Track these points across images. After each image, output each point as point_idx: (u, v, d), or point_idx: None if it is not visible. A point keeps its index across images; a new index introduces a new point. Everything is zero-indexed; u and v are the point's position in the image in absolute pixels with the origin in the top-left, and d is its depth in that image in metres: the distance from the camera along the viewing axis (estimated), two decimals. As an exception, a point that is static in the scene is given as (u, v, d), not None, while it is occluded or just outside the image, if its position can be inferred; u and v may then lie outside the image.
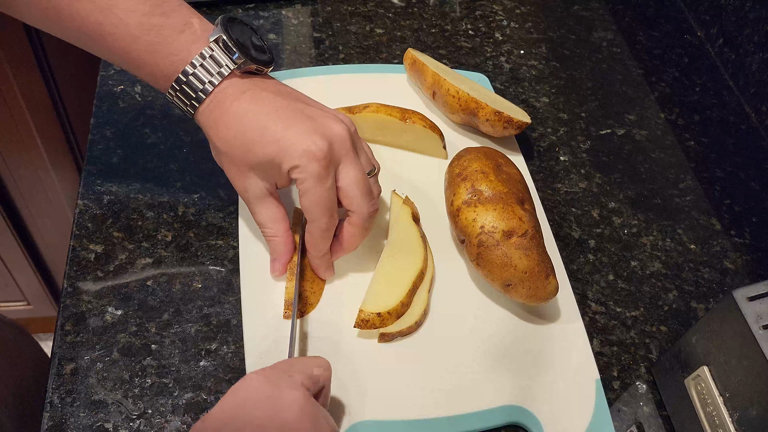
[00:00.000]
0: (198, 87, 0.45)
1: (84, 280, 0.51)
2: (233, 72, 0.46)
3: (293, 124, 0.45)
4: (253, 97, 0.46)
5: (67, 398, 0.45)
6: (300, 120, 0.45)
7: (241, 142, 0.45)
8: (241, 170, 0.47)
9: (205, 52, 0.45)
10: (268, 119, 0.45)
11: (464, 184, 0.52)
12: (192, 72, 0.45)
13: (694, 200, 0.65)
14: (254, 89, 0.46)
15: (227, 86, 0.46)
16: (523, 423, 0.48)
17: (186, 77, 0.45)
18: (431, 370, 0.48)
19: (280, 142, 0.44)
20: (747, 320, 0.41)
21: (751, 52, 0.73)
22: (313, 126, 0.45)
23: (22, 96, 0.99)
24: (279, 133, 0.44)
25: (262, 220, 0.49)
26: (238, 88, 0.46)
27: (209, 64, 0.45)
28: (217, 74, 0.45)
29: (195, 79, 0.45)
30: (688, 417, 0.47)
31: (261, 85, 0.47)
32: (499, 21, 0.80)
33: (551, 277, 0.49)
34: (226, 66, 0.45)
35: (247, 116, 0.45)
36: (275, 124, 0.45)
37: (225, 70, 0.45)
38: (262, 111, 0.45)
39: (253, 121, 0.45)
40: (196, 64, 0.45)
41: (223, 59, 0.45)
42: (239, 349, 0.49)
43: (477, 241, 0.49)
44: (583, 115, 0.71)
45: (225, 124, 0.46)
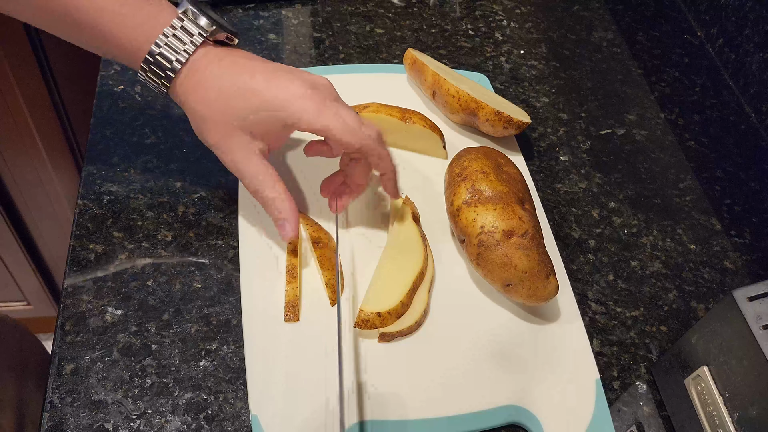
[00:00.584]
0: (171, 58, 0.45)
1: (84, 280, 0.51)
2: (206, 39, 0.46)
3: (276, 77, 0.46)
4: (233, 62, 0.46)
5: (67, 398, 0.45)
6: (281, 74, 0.46)
7: (222, 100, 0.45)
8: (225, 132, 0.46)
9: (175, 23, 0.45)
10: (250, 77, 0.45)
11: (464, 184, 0.52)
12: (164, 43, 0.45)
13: (694, 200, 0.65)
14: (230, 56, 0.47)
15: (201, 55, 0.46)
16: (523, 423, 0.48)
17: (158, 48, 0.45)
18: (431, 370, 0.48)
19: (265, 93, 0.45)
20: (747, 320, 0.41)
21: (751, 52, 0.73)
22: (295, 76, 0.46)
23: (22, 96, 0.99)
24: (263, 86, 0.45)
25: (256, 184, 0.47)
26: (214, 55, 0.46)
27: (181, 34, 0.45)
28: (190, 43, 0.45)
29: (168, 50, 0.45)
30: (688, 417, 0.47)
31: (236, 53, 0.47)
32: (499, 21, 0.80)
33: (551, 277, 0.49)
34: (198, 34, 0.46)
35: (227, 76, 0.45)
36: (257, 79, 0.45)
37: (197, 38, 0.45)
38: (243, 72, 0.46)
39: (233, 79, 0.45)
40: (168, 34, 0.45)
41: (193, 29, 0.45)
42: (239, 349, 0.49)
43: (477, 241, 0.49)
44: (583, 115, 0.71)
45: (204, 88, 0.46)
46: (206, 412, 0.46)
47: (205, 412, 0.46)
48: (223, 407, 0.46)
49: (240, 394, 0.47)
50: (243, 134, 0.46)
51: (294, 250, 0.52)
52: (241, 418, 0.46)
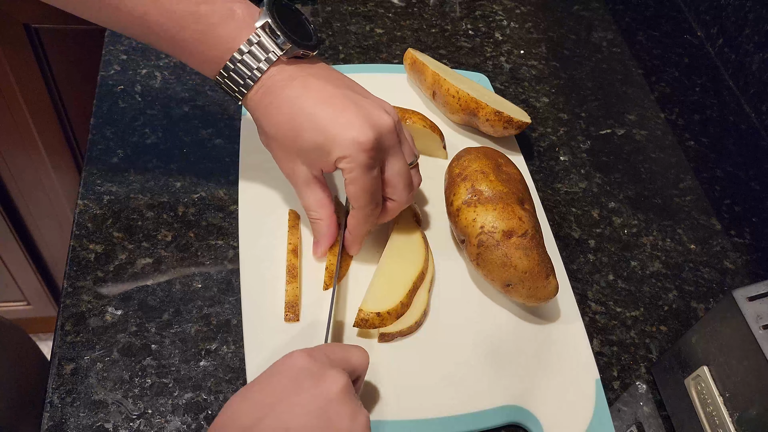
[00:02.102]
0: (246, 74, 0.46)
1: (84, 280, 0.51)
2: (280, 58, 0.46)
3: (342, 113, 0.45)
4: (304, 84, 0.46)
5: (67, 398, 0.45)
6: (349, 109, 0.46)
7: (290, 127, 0.46)
8: (289, 155, 0.48)
9: (252, 39, 0.45)
10: (318, 106, 0.45)
11: (464, 184, 0.52)
12: (240, 59, 0.46)
13: (694, 200, 0.65)
14: (304, 75, 0.47)
15: (276, 72, 0.46)
16: (523, 423, 0.48)
17: (234, 64, 0.46)
18: (431, 370, 0.48)
19: (329, 131, 0.45)
20: (747, 320, 0.41)
21: (751, 52, 0.73)
22: (362, 115, 0.45)
23: (22, 96, 0.99)
24: (328, 121, 0.45)
25: (308, 204, 0.50)
26: (288, 74, 0.46)
27: (257, 51, 0.46)
28: (264, 60, 0.46)
29: (243, 66, 0.46)
30: (688, 417, 0.47)
31: (310, 71, 0.47)
32: (499, 21, 0.80)
33: (551, 277, 0.49)
34: (273, 52, 0.46)
35: (297, 102, 0.46)
36: (325, 112, 0.45)
37: (272, 56, 0.46)
38: (312, 97, 0.46)
39: (303, 107, 0.46)
40: (244, 50, 0.45)
41: (270, 45, 0.46)
42: (239, 349, 0.49)
43: (477, 241, 0.49)
44: (583, 115, 0.71)
45: (276, 110, 0.46)
46: (206, 412, 0.46)
47: (205, 412, 0.46)
48: (223, 407, 0.46)
49: (240, 394, 0.47)
50: (302, 160, 0.48)
51: (294, 250, 0.52)
52: (241, 418, 0.46)
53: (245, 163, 0.58)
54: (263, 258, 0.52)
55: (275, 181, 0.57)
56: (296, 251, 0.52)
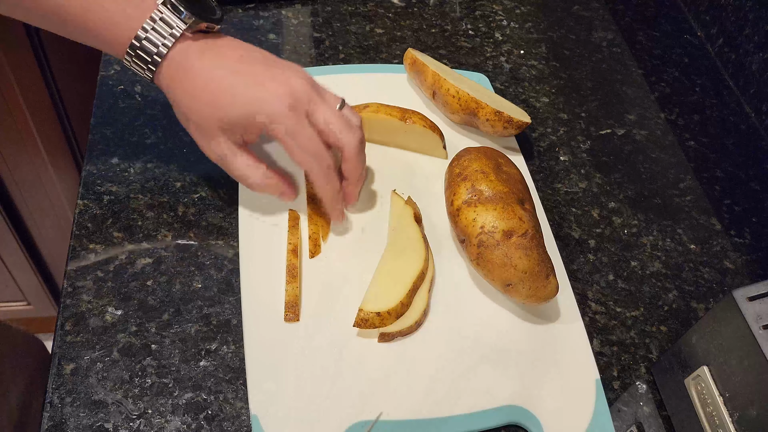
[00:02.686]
0: (152, 50, 0.46)
1: (84, 280, 0.51)
2: (185, 32, 0.47)
3: (258, 80, 0.47)
4: (215, 55, 0.47)
5: (67, 398, 0.45)
6: (263, 75, 0.47)
7: (209, 101, 0.47)
8: (210, 130, 0.48)
9: (154, 15, 0.46)
10: (233, 77, 0.47)
11: (464, 184, 0.52)
12: (144, 36, 0.46)
13: (694, 200, 0.65)
14: (213, 48, 0.48)
15: (184, 47, 0.47)
16: (523, 423, 0.48)
17: (139, 42, 0.46)
18: (431, 370, 0.48)
19: (248, 99, 0.46)
20: (747, 320, 0.41)
21: (751, 52, 0.73)
22: (276, 79, 0.47)
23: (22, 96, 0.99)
24: (246, 90, 0.46)
25: (241, 171, 0.50)
26: (197, 48, 0.47)
27: (160, 27, 0.46)
28: (169, 35, 0.46)
29: (148, 43, 0.46)
30: (688, 417, 0.47)
31: (218, 43, 0.48)
32: (499, 21, 0.80)
33: (551, 277, 0.49)
34: (177, 27, 0.46)
35: (211, 74, 0.47)
36: (241, 81, 0.47)
37: (176, 31, 0.46)
38: (225, 68, 0.47)
39: (219, 79, 0.46)
40: (148, 27, 0.46)
41: (173, 20, 0.46)
42: (239, 349, 0.49)
43: (477, 241, 0.49)
44: (583, 115, 0.71)
45: (190, 83, 0.47)
46: (206, 412, 0.46)
47: (205, 412, 0.46)
48: (223, 407, 0.46)
49: (240, 394, 0.47)
50: (225, 133, 0.48)
51: (294, 250, 0.52)
52: (241, 418, 0.46)
53: (245, 163, 0.58)
54: (263, 258, 0.52)
55: (275, 181, 0.57)
56: (296, 251, 0.52)
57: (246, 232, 0.54)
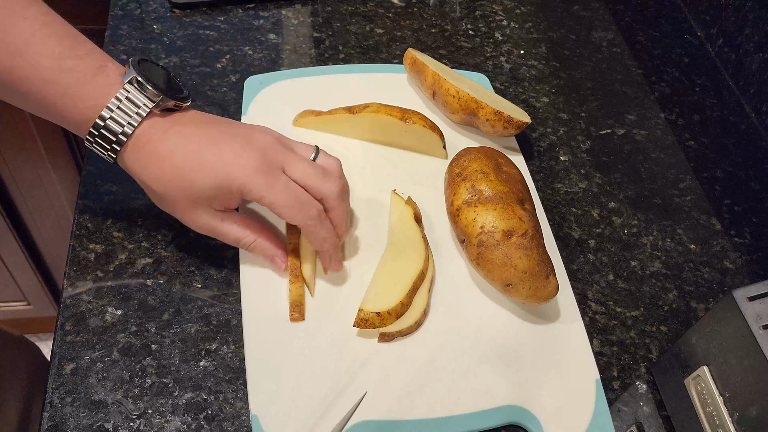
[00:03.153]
0: (117, 130, 0.44)
1: (84, 280, 0.51)
2: (152, 111, 0.45)
3: (226, 148, 0.46)
4: (179, 133, 0.46)
5: (67, 398, 0.45)
6: (230, 142, 0.46)
7: (180, 178, 0.45)
8: (189, 206, 0.47)
9: (120, 95, 0.44)
10: (201, 150, 0.45)
11: (464, 184, 0.52)
12: (109, 116, 0.44)
13: (694, 200, 0.65)
14: (176, 125, 0.46)
15: (148, 127, 0.45)
16: (523, 423, 0.48)
17: (104, 122, 0.44)
18: (431, 370, 0.48)
19: (220, 169, 0.45)
20: (747, 320, 0.41)
21: (751, 52, 0.73)
22: (242, 143, 0.46)
23: (22, 96, 0.99)
24: (216, 160, 0.45)
25: (235, 235, 0.49)
26: (160, 127, 0.46)
27: (126, 106, 0.44)
28: (135, 115, 0.44)
29: (113, 123, 0.44)
30: (688, 417, 0.47)
31: (182, 120, 0.47)
32: (499, 21, 0.80)
33: (551, 277, 0.49)
34: (144, 106, 0.45)
35: (177, 152, 0.45)
36: (210, 153, 0.45)
37: (143, 110, 0.45)
38: (193, 143, 0.46)
39: (185, 155, 0.45)
40: (112, 107, 0.44)
41: (140, 99, 0.45)
42: (239, 349, 0.49)
43: (477, 241, 0.49)
44: (583, 115, 0.71)
45: (157, 165, 0.45)
46: (206, 412, 0.46)
47: (205, 412, 0.46)
48: (223, 407, 0.46)
49: (240, 394, 0.47)
50: (203, 206, 0.47)
51: (295, 250, 0.52)
52: (241, 418, 0.46)
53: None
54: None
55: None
56: (297, 251, 0.52)
57: (246, 232, 0.54)
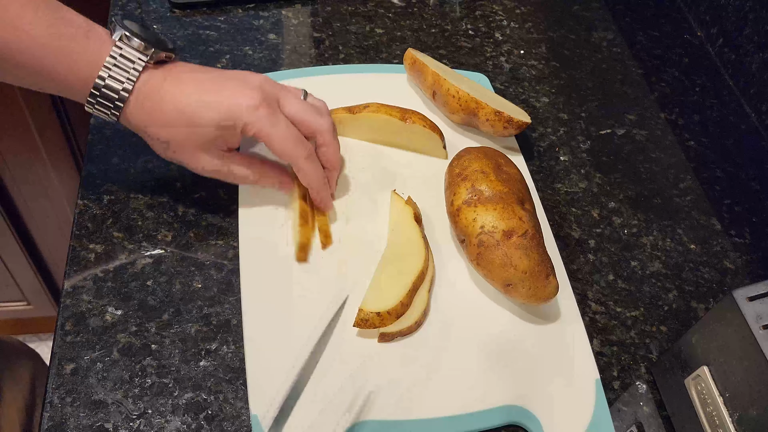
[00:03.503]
0: (117, 87, 0.46)
1: (84, 280, 0.51)
2: (147, 64, 0.47)
3: (222, 89, 0.48)
4: (177, 80, 0.48)
5: (67, 398, 0.45)
6: (226, 84, 0.48)
7: (184, 121, 0.47)
8: (192, 148, 0.49)
9: (114, 52, 0.46)
10: (200, 93, 0.47)
11: (464, 184, 0.52)
12: (107, 75, 0.45)
13: (694, 200, 0.65)
14: (171, 74, 0.48)
15: (146, 80, 0.47)
16: (523, 423, 0.48)
17: (103, 81, 0.45)
18: (431, 370, 0.48)
19: (222, 108, 0.47)
20: (747, 320, 0.41)
21: (751, 52, 0.73)
22: (239, 84, 0.48)
23: (22, 96, 0.99)
24: (216, 100, 0.47)
25: (240, 173, 0.52)
26: (158, 78, 0.47)
27: (122, 63, 0.46)
28: (132, 70, 0.46)
29: (112, 81, 0.46)
30: (688, 417, 0.47)
31: (175, 69, 0.49)
32: (499, 21, 0.80)
33: (551, 277, 0.49)
34: (138, 60, 0.46)
35: (178, 96, 0.47)
36: (209, 94, 0.47)
37: (138, 65, 0.46)
38: (191, 87, 0.48)
39: (187, 98, 0.47)
40: (109, 65, 0.45)
41: (133, 54, 0.46)
42: (239, 349, 0.49)
43: (477, 241, 0.49)
44: (583, 115, 0.71)
45: (160, 112, 0.47)
46: (206, 412, 0.46)
47: (205, 412, 0.46)
48: (223, 407, 0.46)
49: (240, 394, 0.47)
50: (209, 147, 0.49)
51: (304, 197, 0.55)
52: (241, 418, 0.46)
53: (245, 163, 0.58)
54: (263, 258, 0.52)
55: (275, 181, 0.57)
56: (306, 198, 0.54)
57: (246, 231, 0.54)
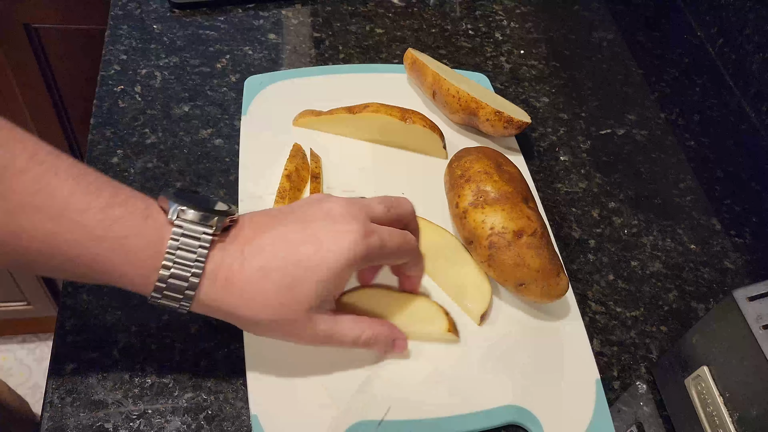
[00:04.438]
0: (186, 275, 0.38)
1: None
2: (214, 238, 0.39)
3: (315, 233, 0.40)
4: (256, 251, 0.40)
5: (67, 398, 0.45)
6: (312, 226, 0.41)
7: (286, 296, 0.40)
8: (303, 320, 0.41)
9: (174, 234, 0.38)
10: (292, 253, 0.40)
11: (468, 185, 0.51)
12: (173, 263, 0.38)
13: (694, 200, 0.65)
14: (248, 243, 0.40)
15: (220, 258, 0.39)
16: (523, 423, 0.48)
17: (168, 270, 0.38)
18: (430, 370, 0.48)
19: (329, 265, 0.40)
20: (747, 320, 0.41)
21: (751, 52, 0.73)
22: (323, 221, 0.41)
23: (22, 96, 0.99)
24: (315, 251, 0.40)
25: (353, 335, 0.44)
26: (233, 252, 0.39)
27: (186, 245, 0.38)
28: (200, 248, 0.38)
29: (179, 268, 0.38)
30: (688, 417, 0.47)
31: (249, 234, 0.41)
32: (499, 21, 0.80)
33: (561, 274, 0.49)
34: (204, 236, 0.38)
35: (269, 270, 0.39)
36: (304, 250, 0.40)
37: (205, 241, 0.38)
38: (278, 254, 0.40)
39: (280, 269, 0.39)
40: (173, 251, 0.38)
41: (196, 231, 0.38)
42: (239, 349, 0.49)
43: (488, 243, 0.49)
44: (583, 115, 0.71)
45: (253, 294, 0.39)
46: (206, 412, 0.46)
47: (205, 412, 0.46)
48: (223, 407, 0.46)
49: (240, 394, 0.47)
50: (318, 310, 0.41)
51: (288, 175, 0.55)
52: (241, 418, 0.46)
53: (245, 163, 0.58)
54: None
55: (275, 180, 0.57)
56: (290, 177, 0.55)
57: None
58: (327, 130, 0.62)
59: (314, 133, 0.62)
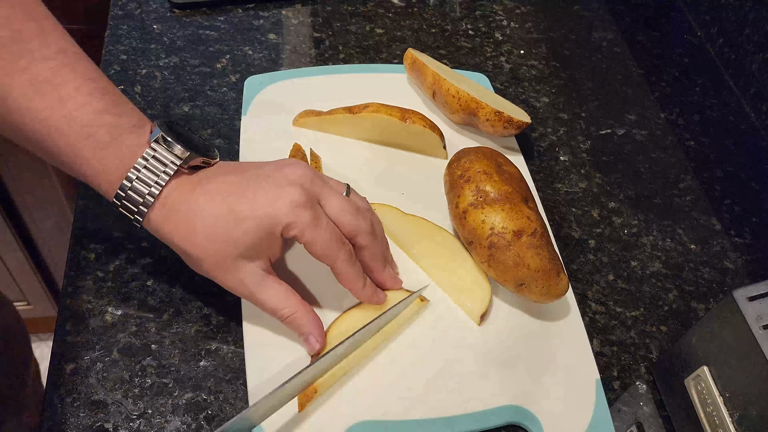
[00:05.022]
0: (143, 191, 0.42)
1: (84, 280, 0.51)
2: (179, 169, 0.43)
3: (257, 192, 0.43)
4: (205, 190, 0.43)
5: (67, 398, 0.45)
6: (259, 185, 0.43)
7: (215, 238, 0.43)
8: (230, 265, 0.44)
9: (147, 153, 0.42)
10: (230, 202, 0.43)
11: (468, 186, 0.51)
12: (136, 176, 0.42)
13: (694, 200, 0.65)
14: (202, 182, 0.44)
15: (175, 187, 0.43)
16: (523, 423, 0.48)
17: (130, 182, 0.42)
18: (431, 370, 0.48)
19: (260, 218, 0.42)
20: (747, 320, 0.41)
21: (751, 52, 0.73)
22: (274, 182, 0.43)
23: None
24: (250, 207, 0.42)
25: (274, 303, 0.45)
26: (187, 186, 0.43)
27: (153, 166, 0.42)
28: (163, 174, 0.42)
29: (140, 183, 0.42)
30: (688, 417, 0.47)
31: (207, 175, 0.44)
32: (499, 21, 0.80)
33: (562, 274, 0.49)
34: (171, 164, 0.42)
35: (207, 210, 0.42)
36: (240, 203, 0.43)
37: (171, 168, 0.42)
38: (219, 199, 0.43)
39: (216, 212, 0.42)
40: (139, 167, 0.42)
41: (166, 157, 0.42)
42: (239, 349, 0.49)
43: (488, 243, 0.49)
44: (583, 115, 0.71)
45: (189, 226, 0.43)
46: (206, 412, 0.46)
47: (205, 412, 0.46)
48: (223, 407, 0.46)
49: (240, 394, 0.47)
50: (246, 262, 0.44)
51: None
52: (241, 418, 0.46)
53: (245, 163, 0.58)
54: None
55: (275, 181, 0.57)
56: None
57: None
58: (327, 130, 0.62)
59: (314, 133, 0.62)
